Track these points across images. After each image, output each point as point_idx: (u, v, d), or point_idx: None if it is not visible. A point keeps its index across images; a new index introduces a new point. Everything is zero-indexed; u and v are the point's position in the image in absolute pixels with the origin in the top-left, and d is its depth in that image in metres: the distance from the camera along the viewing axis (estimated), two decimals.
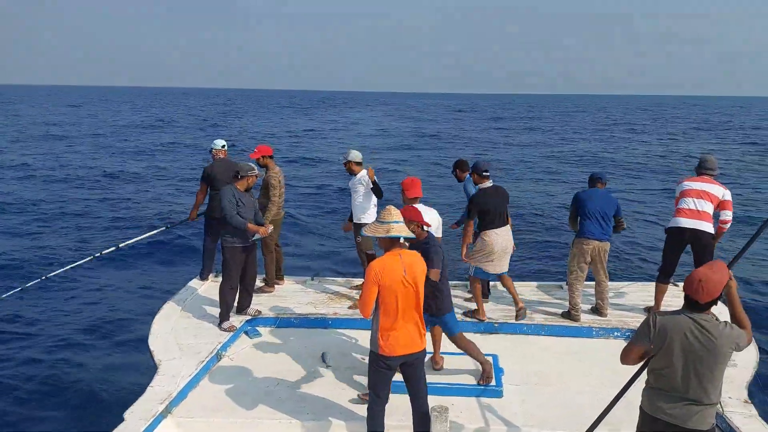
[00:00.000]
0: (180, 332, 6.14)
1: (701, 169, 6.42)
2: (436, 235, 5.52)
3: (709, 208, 6.24)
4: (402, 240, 4.04)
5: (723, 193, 6.26)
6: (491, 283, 7.23)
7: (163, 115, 65.12)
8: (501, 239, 6.27)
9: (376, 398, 4.12)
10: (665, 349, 3.24)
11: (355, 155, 7.12)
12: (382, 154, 31.63)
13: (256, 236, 6.38)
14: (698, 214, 6.20)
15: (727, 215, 6.24)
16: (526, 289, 7.49)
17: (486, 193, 6.30)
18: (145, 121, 56.70)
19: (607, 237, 6.35)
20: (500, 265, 6.36)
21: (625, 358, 3.46)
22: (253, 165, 6.49)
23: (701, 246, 6.21)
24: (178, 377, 5.08)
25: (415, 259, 4.09)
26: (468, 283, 6.91)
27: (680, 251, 6.41)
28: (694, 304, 3.19)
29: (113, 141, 36.92)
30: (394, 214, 4.07)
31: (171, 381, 5.01)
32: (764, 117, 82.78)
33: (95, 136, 40.54)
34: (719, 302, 3.28)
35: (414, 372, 4.16)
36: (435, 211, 5.81)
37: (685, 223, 6.23)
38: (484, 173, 6.36)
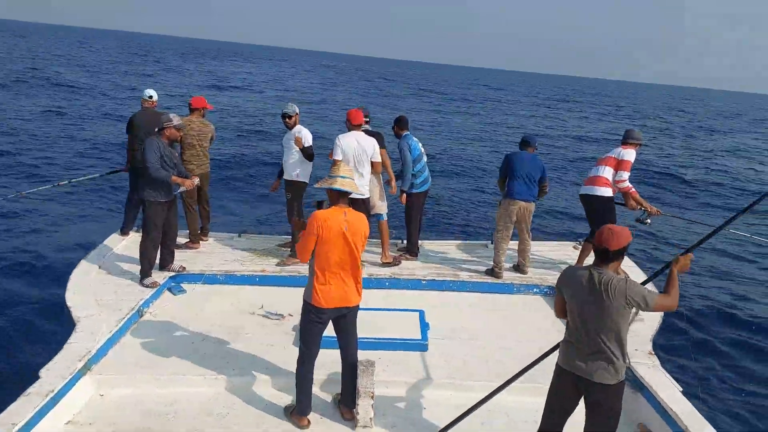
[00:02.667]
0: (99, 289, 5.92)
1: (624, 140, 6.67)
2: (374, 160, 6.42)
3: (604, 171, 6.54)
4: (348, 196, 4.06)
5: (620, 153, 6.49)
6: (420, 241, 7.38)
7: None
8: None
9: (306, 350, 4.15)
10: (567, 300, 3.43)
11: (292, 108, 6.90)
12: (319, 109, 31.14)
13: (181, 189, 6.22)
14: (590, 180, 6.64)
15: (620, 176, 6.47)
16: (452, 248, 7.69)
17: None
18: None
19: (533, 198, 6.57)
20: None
21: (556, 312, 3.68)
22: (172, 116, 6.15)
23: (593, 209, 6.62)
24: (97, 334, 4.91)
25: (360, 221, 4.10)
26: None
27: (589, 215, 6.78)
28: (603, 253, 3.31)
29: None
30: (343, 169, 4.09)
31: (90, 338, 4.84)
32: None
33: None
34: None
35: (346, 325, 4.21)
36: (374, 140, 6.49)
37: (581, 190, 6.74)
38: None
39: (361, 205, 6.31)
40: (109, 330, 5.01)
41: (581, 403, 3.50)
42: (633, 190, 6.54)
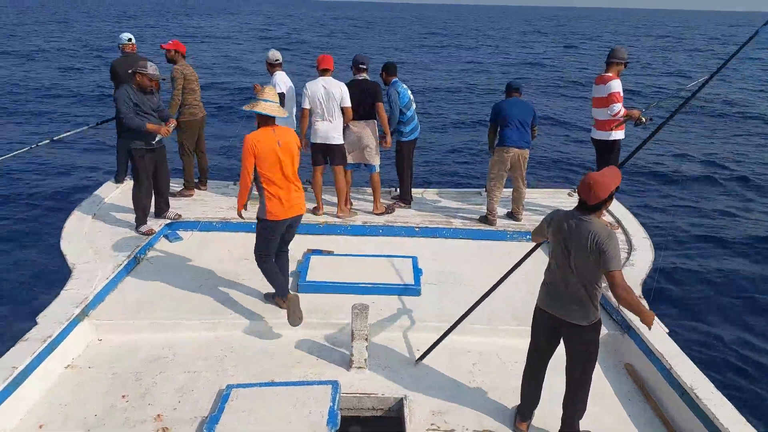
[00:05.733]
0: (94, 236, 5.94)
1: (608, 59, 6.52)
2: (343, 105, 6.31)
3: (598, 113, 6.52)
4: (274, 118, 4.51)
5: (607, 88, 6.34)
6: (413, 189, 7.38)
7: None
8: (350, 132, 6.63)
9: (266, 257, 4.73)
10: (550, 239, 3.47)
11: (270, 55, 6.89)
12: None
13: (158, 137, 6.04)
14: (594, 124, 6.65)
15: (612, 110, 6.32)
16: (446, 195, 7.71)
17: (350, 85, 6.51)
18: None
19: (527, 144, 6.52)
20: (355, 156, 6.78)
21: (533, 236, 3.82)
22: (150, 64, 5.89)
23: (597, 153, 6.70)
24: (94, 280, 4.95)
25: (288, 134, 4.57)
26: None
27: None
28: (583, 204, 3.32)
29: None
30: (267, 93, 4.48)
31: (87, 284, 4.89)
32: None
33: None
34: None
35: (291, 231, 4.85)
36: (342, 84, 6.37)
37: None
38: (360, 65, 6.59)
39: (337, 152, 6.51)
40: (105, 276, 5.06)
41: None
42: (622, 114, 6.34)
